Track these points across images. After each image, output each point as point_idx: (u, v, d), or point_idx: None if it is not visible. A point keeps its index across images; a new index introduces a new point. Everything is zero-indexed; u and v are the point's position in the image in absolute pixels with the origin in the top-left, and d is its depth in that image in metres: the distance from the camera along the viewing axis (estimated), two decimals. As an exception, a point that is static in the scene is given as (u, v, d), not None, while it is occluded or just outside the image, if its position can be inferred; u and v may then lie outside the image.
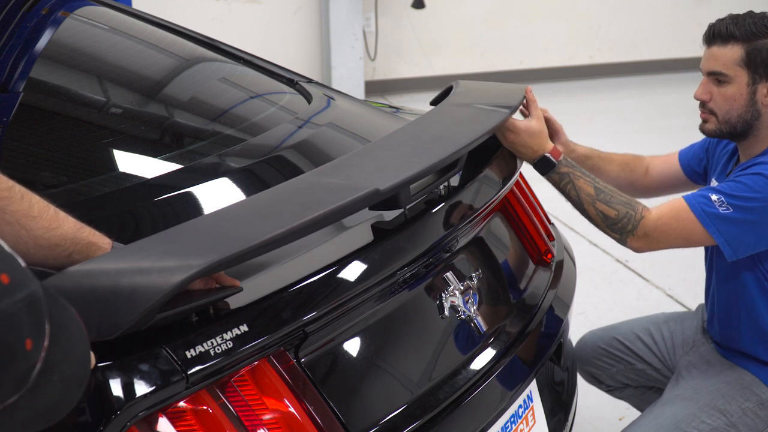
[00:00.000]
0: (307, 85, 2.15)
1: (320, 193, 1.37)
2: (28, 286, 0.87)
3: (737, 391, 2.10)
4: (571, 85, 7.31)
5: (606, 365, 2.42)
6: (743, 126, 2.00)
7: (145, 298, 1.07)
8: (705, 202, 1.93)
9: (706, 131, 2.07)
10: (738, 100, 1.98)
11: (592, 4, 7.51)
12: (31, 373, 0.86)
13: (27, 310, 0.86)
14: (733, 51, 1.97)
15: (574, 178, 1.98)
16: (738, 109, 1.99)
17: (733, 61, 1.97)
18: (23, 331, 0.85)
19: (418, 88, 6.92)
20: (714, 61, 2.00)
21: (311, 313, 1.31)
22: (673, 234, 1.95)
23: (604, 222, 1.98)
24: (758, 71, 1.96)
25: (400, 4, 6.90)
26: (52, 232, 1.14)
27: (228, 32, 5.99)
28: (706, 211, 1.92)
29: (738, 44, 1.96)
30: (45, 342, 0.87)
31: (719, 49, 1.98)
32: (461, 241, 1.71)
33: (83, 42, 2.03)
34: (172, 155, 1.73)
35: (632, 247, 1.99)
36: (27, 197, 1.12)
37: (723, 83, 1.99)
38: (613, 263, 4.06)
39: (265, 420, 1.25)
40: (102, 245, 1.19)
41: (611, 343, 2.41)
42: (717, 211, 1.91)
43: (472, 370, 1.61)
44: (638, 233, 1.95)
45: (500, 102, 1.90)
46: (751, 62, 1.96)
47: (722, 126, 2.02)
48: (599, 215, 1.97)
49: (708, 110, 2.03)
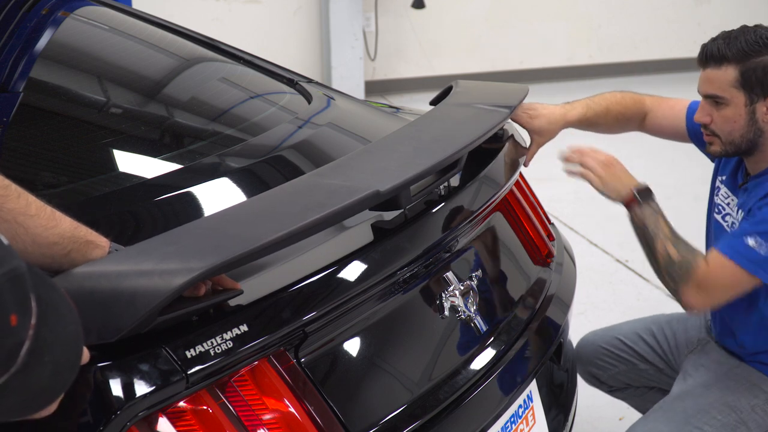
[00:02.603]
0: (307, 85, 2.15)
1: (321, 195, 1.37)
2: (9, 262, 0.86)
3: (746, 388, 2.10)
4: (571, 85, 7.30)
5: (608, 365, 2.41)
6: (747, 145, 1.99)
7: (146, 302, 1.07)
8: (744, 249, 1.90)
9: (712, 153, 2.06)
10: (738, 121, 1.96)
11: (591, 4, 7.51)
12: (19, 351, 0.86)
13: (9, 285, 0.85)
14: (727, 73, 1.94)
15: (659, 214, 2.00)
16: (740, 130, 1.97)
17: (729, 83, 1.94)
18: (6, 307, 0.85)
19: (418, 88, 6.92)
20: (709, 84, 1.98)
21: (311, 313, 1.31)
22: (722, 283, 1.93)
23: (665, 262, 1.97)
24: (755, 90, 1.93)
25: (400, 4, 6.90)
26: (50, 230, 1.13)
27: (228, 32, 5.99)
28: (751, 259, 1.90)
29: (731, 65, 1.93)
30: (32, 320, 0.87)
31: (713, 71, 1.96)
32: (461, 241, 1.71)
33: (83, 42, 2.03)
34: (172, 155, 1.73)
35: (687, 304, 1.98)
36: (24, 196, 1.12)
37: (721, 105, 1.97)
38: (613, 263, 4.05)
39: (265, 420, 1.25)
40: (100, 243, 1.19)
41: (613, 343, 2.41)
42: (759, 255, 1.89)
43: (472, 370, 1.61)
44: (692, 284, 1.93)
45: (500, 102, 1.90)
46: (746, 83, 1.93)
47: (727, 147, 2.01)
48: (664, 255, 1.97)
49: (711, 132, 2.02)
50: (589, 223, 4.43)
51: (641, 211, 2.00)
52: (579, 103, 2.20)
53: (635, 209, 2.00)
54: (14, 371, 0.86)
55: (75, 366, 0.96)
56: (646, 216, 2.00)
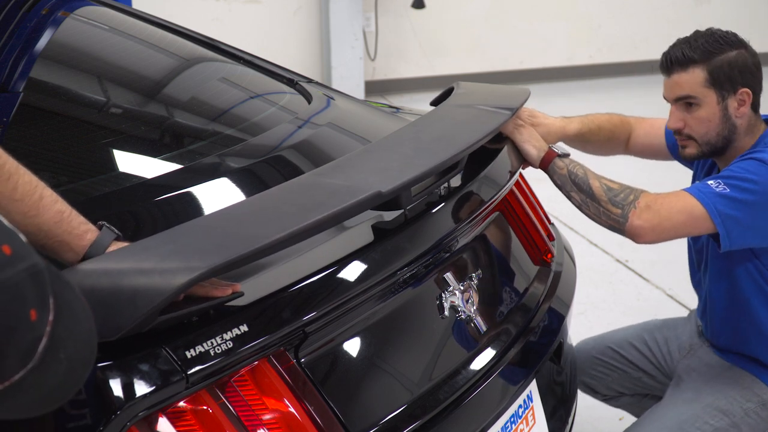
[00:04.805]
0: (307, 85, 2.15)
1: (322, 195, 1.37)
2: (30, 258, 0.88)
3: (738, 392, 2.10)
4: (571, 85, 7.31)
5: (601, 375, 2.41)
6: (723, 142, 2.01)
7: (146, 301, 1.07)
8: (702, 185, 1.92)
9: (687, 156, 2.08)
10: (713, 120, 1.99)
11: (592, 4, 7.51)
12: (36, 347, 0.87)
13: (30, 280, 0.86)
14: (695, 74, 1.97)
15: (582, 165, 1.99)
16: (715, 128, 2.00)
17: (699, 83, 1.97)
18: (27, 301, 0.86)
19: (418, 88, 6.92)
20: (679, 87, 2.00)
21: (311, 313, 1.31)
22: (670, 206, 1.90)
23: (608, 193, 1.94)
24: (725, 87, 1.97)
25: (400, 4, 6.90)
26: (29, 219, 1.12)
27: (228, 32, 5.99)
28: (703, 191, 1.91)
29: (699, 66, 1.97)
30: (50, 316, 0.88)
31: (681, 75, 1.99)
32: (461, 241, 1.71)
33: (83, 42, 2.03)
34: (172, 155, 1.73)
35: (635, 227, 1.91)
36: (14, 179, 1.10)
37: (693, 106, 2.00)
38: (613, 263, 4.06)
39: (265, 420, 1.25)
40: (74, 247, 1.16)
41: (605, 352, 2.41)
42: (714, 190, 1.90)
43: (472, 370, 1.61)
44: (640, 205, 1.90)
45: (501, 104, 1.90)
46: (715, 81, 1.97)
47: (703, 148, 2.03)
48: (603, 187, 1.94)
49: (685, 136, 2.04)
50: (589, 223, 4.42)
51: (563, 162, 1.97)
52: (576, 119, 2.22)
53: (556, 161, 1.96)
54: (31, 367, 0.87)
55: (89, 363, 0.97)
56: (572, 164, 1.97)
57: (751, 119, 2.02)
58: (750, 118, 2.02)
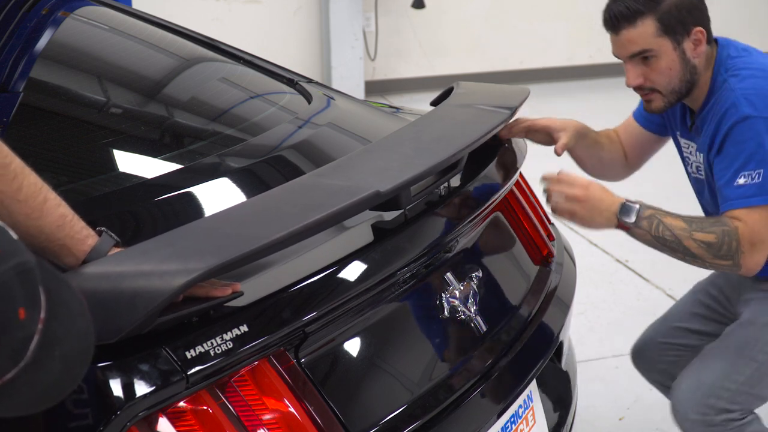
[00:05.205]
0: (307, 85, 2.15)
1: (321, 196, 1.37)
2: (18, 256, 0.87)
3: None
4: (571, 85, 7.30)
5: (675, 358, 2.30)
6: (687, 86, 1.99)
7: (145, 303, 1.07)
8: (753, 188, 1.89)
9: (654, 109, 2.04)
10: (673, 67, 1.96)
11: (591, 4, 7.44)
12: (28, 345, 0.86)
13: (18, 279, 0.86)
14: (645, 26, 1.93)
15: (661, 216, 1.90)
16: (677, 75, 1.97)
17: (651, 35, 1.93)
18: (15, 300, 0.85)
19: (419, 88, 6.92)
20: (632, 43, 1.95)
21: (311, 313, 1.31)
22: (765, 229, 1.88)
23: (709, 251, 1.88)
24: (677, 31, 1.94)
25: (400, 4, 6.90)
26: (31, 221, 1.11)
27: (228, 32, 5.98)
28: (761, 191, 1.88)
29: (647, 17, 1.92)
30: (41, 314, 0.87)
31: (630, 30, 1.94)
32: (461, 241, 1.71)
33: (83, 42, 2.03)
34: (172, 155, 1.73)
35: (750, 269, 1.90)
36: (19, 179, 1.09)
37: (651, 59, 1.96)
38: (613, 263, 4.05)
39: (265, 420, 1.25)
40: (75, 251, 1.16)
41: (671, 333, 2.33)
42: (757, 184, 1.87)
43: (472, 370, 1.61)
44: (744, 247, 1.87)
45: (501, 103, 1.90)
46: (667, 28, 1.93)
47: (669, 97, 2.00)
48: (701, 246, 1.88)
49: (648, 90, 2.01)
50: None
51: (639, 230, 1.90)
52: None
53: (632, 230, 1.91)
54: (24, 365, 0.87)
55: (86, 361, 0.96)
56: (650, 229, 1.90)
57: (707, 53, 2.00)
58: (706, 52, 1.99)
